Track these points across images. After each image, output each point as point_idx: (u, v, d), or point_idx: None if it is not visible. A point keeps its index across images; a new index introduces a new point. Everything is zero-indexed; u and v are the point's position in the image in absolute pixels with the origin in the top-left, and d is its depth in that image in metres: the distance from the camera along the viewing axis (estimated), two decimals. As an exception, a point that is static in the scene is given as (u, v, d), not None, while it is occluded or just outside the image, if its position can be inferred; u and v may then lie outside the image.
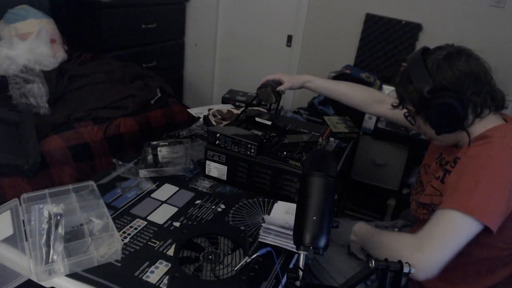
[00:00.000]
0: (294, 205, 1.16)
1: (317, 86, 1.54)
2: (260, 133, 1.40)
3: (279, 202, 1.24)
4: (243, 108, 1.64)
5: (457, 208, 0.91)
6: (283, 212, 1.17)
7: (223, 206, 1.23)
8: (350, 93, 1.53)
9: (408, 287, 1.19)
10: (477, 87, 1.01)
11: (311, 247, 0.79)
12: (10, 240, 0.97)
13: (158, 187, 1.29)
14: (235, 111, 1.80)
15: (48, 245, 0.93)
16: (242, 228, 1.11)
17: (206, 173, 1.36)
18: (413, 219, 1.32)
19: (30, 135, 1.54)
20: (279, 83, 1.51)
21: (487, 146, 0.98)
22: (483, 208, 0.91)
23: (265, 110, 1.76)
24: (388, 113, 1.41)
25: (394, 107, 1.16)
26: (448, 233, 0.91)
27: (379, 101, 1.48)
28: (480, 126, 1.04)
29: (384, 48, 2.62)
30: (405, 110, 1.14)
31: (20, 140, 1.52)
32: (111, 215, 1.08)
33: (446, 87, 1.00)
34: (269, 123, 1.45)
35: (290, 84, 1.51)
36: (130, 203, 1.20)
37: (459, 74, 1.00)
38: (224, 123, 1.69)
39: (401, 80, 1.10)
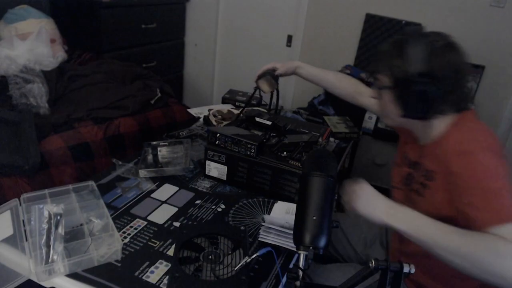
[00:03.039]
0: (294, 205, 1.16)
1: (308, 72, 1.57)
2: (260, 133, 1.40)
3: (279, 202, 1.24)
4: (243, 107, 1.64)
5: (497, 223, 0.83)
6: (283, 212, 1.17)
7: (223, 206, 1.23)
8: (337, 83, 1.55)
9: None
10: (458, 88, 1.01)
11: (311, 247, 0.79)
12: (10, 240, 0.97)
13: (158, 187, 1.29)
14: (235, 111, 1.80)
15: (48, 245, 0.93)
16: (242, 228, 1.11)
17: (206, 173, 1.36)
18: None
19: (30, 135, 1.54)
20: (274, 70, 1.55)
21: (470, 157, 0.94)
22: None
23: (265, 110, 1.76)
24: (368, 104, 1.43)
25: (371, 74, 1.12)
26: None
27: (360, 94, 1.49)
28: (439, 122, 1.04)
29: (384, 48, 2.62)
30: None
31: (20, 140, 1.52)
32: (111, 215, 1.08)
33: (433, 76, 0.97)
34: (269, 123, 1.45)
35: (284, 69, 1.54)
36: (130, 203, 1.20)
37: (449, 68, 0.98)
38: (224, 123, 1.69)
39: (391, 50, 1.04)
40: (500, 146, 0.97)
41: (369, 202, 0.95)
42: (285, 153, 1.30)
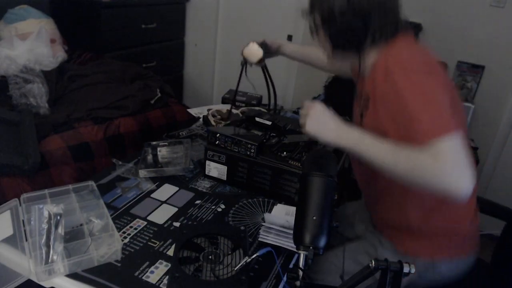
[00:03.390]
0: (293, 208, 1.16)
1: (291, 50, 1.64)
2: (260, 133, 1.40)
3: (278, 204, 1.24)
4: (233, 98, 1.71)
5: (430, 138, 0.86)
6: (282, 215, 1.17)
7: (223, 206, 1.23)
8: (317, 56, 1.56)
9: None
10: (384, 20, 1.05)
11: (311, 247, 0.79)
12: (10, 240, 0.97)
13: (158, 187, 1.29)
14: (235, 111, 1.80)
15: (48, 245, 0.93)
16: (242, 228, 1.11)
17: (206, 173, 1.36)
18: None
19: (30, 135, 1.54)
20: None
21: (391, 79, 0.97)
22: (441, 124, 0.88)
23: (265, 110, 1.76)
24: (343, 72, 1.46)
25: (306, 15, 1.18)
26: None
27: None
28: (372, 52, 1.09)
29: (384, 48, 2.62)
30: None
31: (20, 140, 1.52)
32: (111, 215, 1.08)
33: (357, 13, 1.03)
34: (269, 123, 1.45)
35: (270, 40, 1.61)
36: (130, 203, 1.20)
37: (374, 4, 1.03)
38: (224, 123, 1.70)
39: None
40: (430, 63, 1.00)
41: (320, 122, 1.01)
42: (285, 153, 1.30)
